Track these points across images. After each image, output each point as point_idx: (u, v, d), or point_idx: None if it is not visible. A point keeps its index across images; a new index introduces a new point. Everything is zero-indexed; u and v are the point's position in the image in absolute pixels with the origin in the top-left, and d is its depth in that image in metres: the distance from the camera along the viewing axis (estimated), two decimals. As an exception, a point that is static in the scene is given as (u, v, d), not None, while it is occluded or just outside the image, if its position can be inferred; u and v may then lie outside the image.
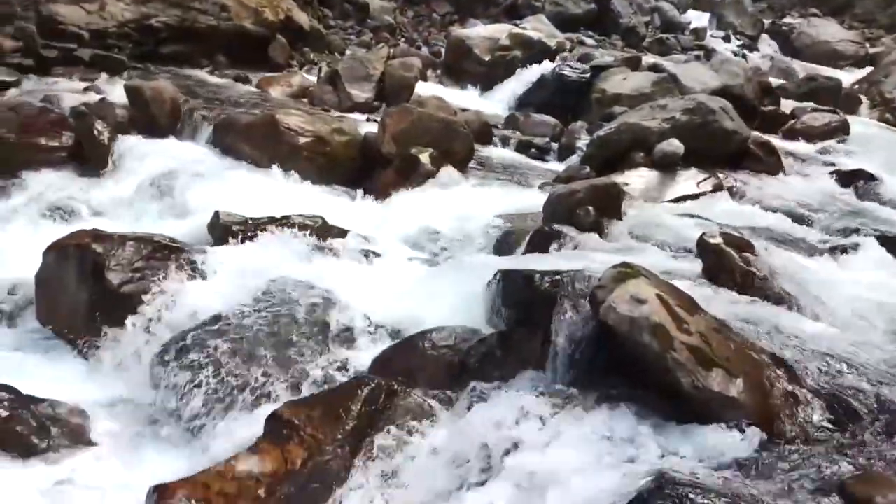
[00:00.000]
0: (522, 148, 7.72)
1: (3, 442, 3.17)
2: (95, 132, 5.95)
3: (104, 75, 7.80)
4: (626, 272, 3.03)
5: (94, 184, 5.73)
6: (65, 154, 5.86)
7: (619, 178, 5.51)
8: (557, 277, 3.38)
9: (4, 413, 3.24)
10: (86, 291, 4.13)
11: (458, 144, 6.50)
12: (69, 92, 6.99)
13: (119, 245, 4.20)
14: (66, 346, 4.10)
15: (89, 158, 5.89)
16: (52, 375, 3.86)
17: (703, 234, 3.99)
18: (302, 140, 6.22)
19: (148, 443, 3.49)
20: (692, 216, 5.10)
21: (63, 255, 4.24)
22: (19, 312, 4.32)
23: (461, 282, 4.18)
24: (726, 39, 16.68)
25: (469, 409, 3.12)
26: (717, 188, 5.85)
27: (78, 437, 3.36)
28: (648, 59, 10.63)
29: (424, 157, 6.15)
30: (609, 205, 4.76)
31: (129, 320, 3.95)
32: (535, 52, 10.57)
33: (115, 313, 3.99)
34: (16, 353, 4.07)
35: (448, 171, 6.14)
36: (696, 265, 3.97)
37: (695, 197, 5.71)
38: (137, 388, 3.73)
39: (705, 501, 2.12)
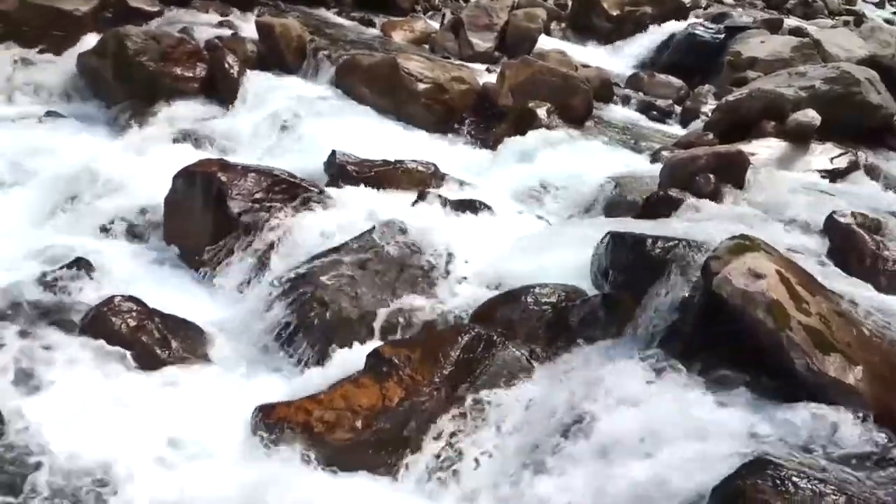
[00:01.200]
0: (643, 109, 7.46)
1: (129, 349, 3.42)
2: (227, 65, 6.18)
3: (237, 10, 8.05)
4: (744, 244, 2.90)
5: (222, 115, 5.98)
6: (198, 85, 6.13)
7: (745, 147, 5.23)
8: (670, 244, 3.27)
9: (132, 322, 3.49)
10: (209, 217, 4.35)
11: (577, 101, 6.36)
12: (205, 25, 7.27)
13: (242, 176, 4.39)
14: (188, 266, 4.35)
15: (220, 91, 6.15)
16: (174, 293, 4.11)
17: (833, 212, 3.76)
18: (420, 86, 6.25)
19: (256, 365, 3.68)
20: (822, 192, 4.80)
21: (190, 181, 4.46)
22: (149, 232, 4.60)
23: (568, 240, 4.13)
24: (879, 5, 15.42)
25: (566, 368, 3.12)
26: (853, 166, 5.46)
27: (194, 352, 3.58)
28: (790, 21, 9.98)
29: (541, 112, 6.06)
30: (732, 174, 4.55)
31: (246, 248, 4.13)
32: (667, 8, 10.12)
33: (233, 240, 4.19)
34: (143, 269, 4.35)
35: (564, 128, 6.03)
36: (822, 244, 3.75)
37: (827, 173, 5.35)
38: (250, 313, 3.92)
39: (809, 486, 2.04)
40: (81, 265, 4.07)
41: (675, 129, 6.99)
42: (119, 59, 5.99)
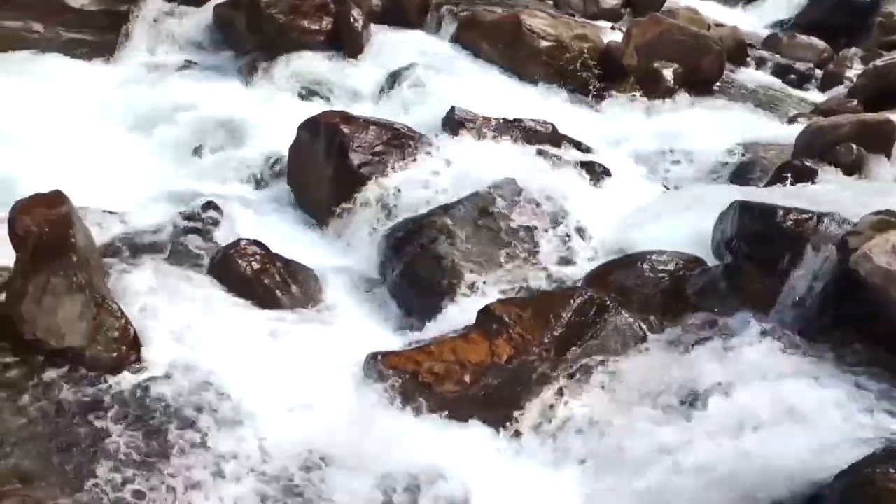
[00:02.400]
0: (780, 72, 7.03)
1: (252, 290, 3.58)
2: (351, 19, 6.25)
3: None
4: (888, 220, 2.70)
5: (346, 68, 6.08)
6: (323, 38, 6.24)
7: (894, 117, 4.83)
8: (804, 216, 3.09)
9: (256, 265, 3.65)
10: (329, 167, 4.46)
11: (707, 62, 6.06)
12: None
13: (363, 128, 4.46)
14: (308, 214, 4.50)
15: (344, 44, 6.24)
16: (294, 239, 4.26)
17: None
18: (543, 44, 6.12)
19: (368, 313, 3.78)
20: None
21: (314, 132, 4.58)
22: (273, 179, 4.78)
23: (690, 207, 3.98)
24: None
25: (681, 338, 3.03)
26: None
27: (311, 297, 3.72)
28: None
29: (667, 73, 5.82)
30: (877, 145, 4.23)
31: (365, 199, 4.22)
32: (813, -37, 9.40)
33: (353, 191, 4.28)
34: (267, 215, 4.54)
35: (692, 90, 5.76)
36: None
37: None
38: (365, 263, 4.02)
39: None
40: (211, 208, 4.29)
41: (814, 95, 6.56)
42: (251, 11, 6.18)
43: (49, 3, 5.99)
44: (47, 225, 3.20)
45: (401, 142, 4.47)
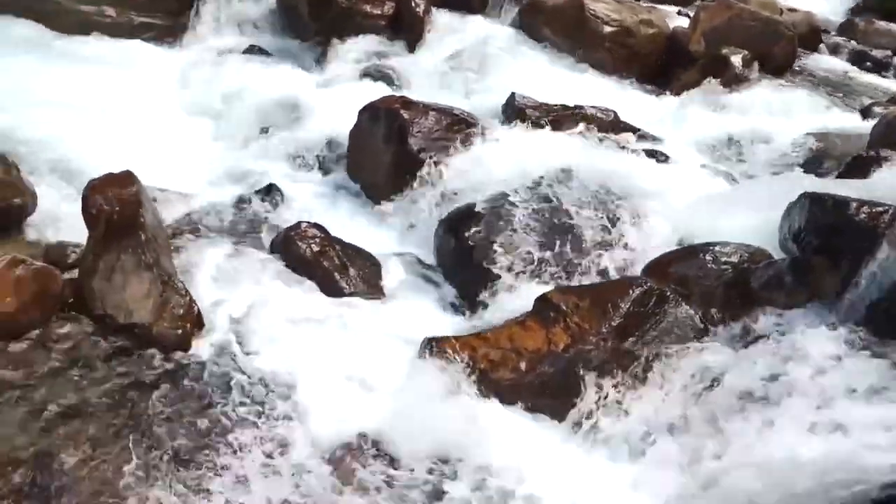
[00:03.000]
0: (856, 59, 6.75)
1: (312, 273, 3.63)
2: (413, 4, 6.25)
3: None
4: (970, 216, 2.57)
5: (407, 53, 6.10)
6: (385, 23, 6.27)
7: (978, 107, 4.61)
8: (879, 209, 2.97)
9: (316, 248, 3.70)
10: (389, 151, 4.48)
11: (779, 48, 5.87)
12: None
13: (422, 113, 4.47)
14: (367, 198, 4.53)
15: (405, 29, 6.25)
16: (353, 222, 4.31)
17: None
18: (606, 29, 6.02)
19: (425, 298, 3.79)
20: None
21: (374, 117, 4.60)
22: (333, 163, 4.82)
23: (756, 198, 3.87)
24: None
25: (744, 332, 2.96)
26: None
27: (369, 280, 3.75)
28: None
29: (736, 60, 5.65)
30: (960, 136, 4.03)
31: (423, 184, 4.23)
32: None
33: (411, 176, 4.29)
34: (326, 198, 4.59)
35: (761, 77, 5.59)
36: None
37: None
38: (422, 247, 4.04)
39: None
40: (273, 190, 4.37)
41: (891, 84, 6.27)
42: (313, -4, 6.26)
43: (122, -13, 6.17)
44: (118, 204, 3.30)
45: (460, 127, 4.46)
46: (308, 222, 3.86)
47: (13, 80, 4.96)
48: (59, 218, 3.81)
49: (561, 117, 4.73)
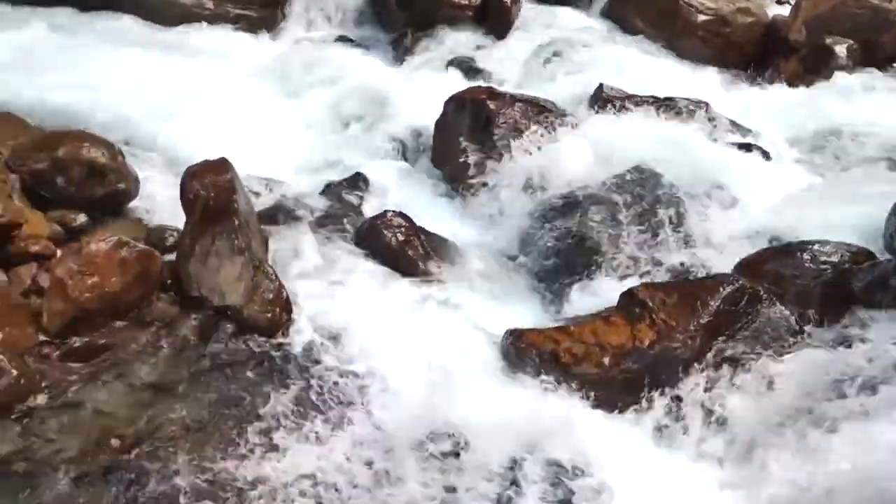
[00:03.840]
0: (972, 50, 6.29)
1: (397, 260, 3.68)
2: (502, -6, 6.23)
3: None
4: None
5: (494, 43, 6.07)
6: (472, 13, 6.25)
7: None
8: None
9: (401, 237, 3.74)
10: (474, 142, 4.48)
11: (888, 37, 5.55)
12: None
13: (509, 104, 4.45)
14: (452, 188, 4.54)
15: (493, 19, 6.23)
16: (437, 212, 4.32)
17: None
18: (700, 18, 5.84)
19: (507, 289, 3.78)
20: None
21: (460, 107, 4.61)
22: (419, 153, 4.86)
23: (860, 196, 3.70)
24: None
25: (843, 335, 2.83)
26: None
27: (453, 270, 3.76)
28: None
29: (840, 50, 5.38)
30: None
31: (508, 175, 4.21)
32: None
33: (496, 166, 4.28)
34: (411, 188, 4.62)
35: (867, 68, 5.30)
36: None
37: None
38: (506, 239, 4.03)
39: None
40: (359, 179, 4.44)
41: None
42: (401, -13, 6.31)
43: (221, -19, 6.39)
44: (213, 190, 3.42)
45: (546, 118, 4.42)
46: (393, 211, 3.90)
47: (118, 71, 5.20)
48: (159, 202, 3.97)
49: (651, 109, 4.62)
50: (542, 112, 4.46)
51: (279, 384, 3.03)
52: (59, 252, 3.38)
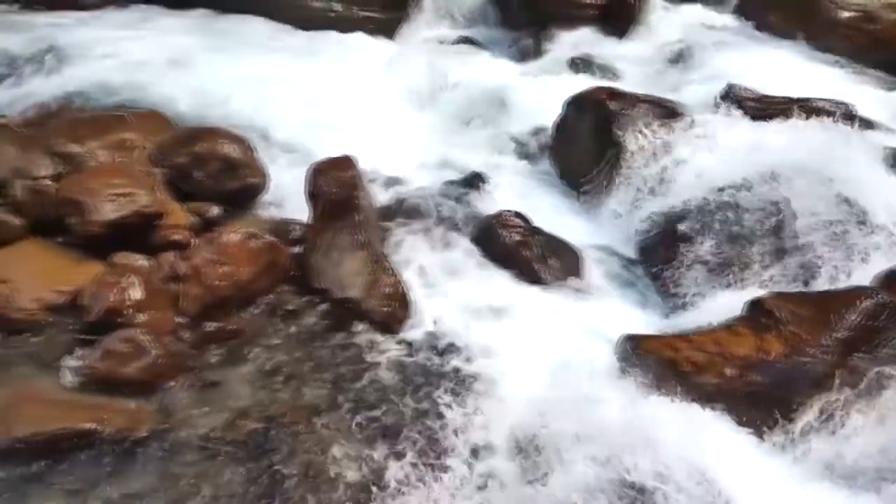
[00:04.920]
0: None
1: (513, 260, 3.68)
2: (628, -8, 6.10)
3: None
4: None
5: (618, 43, 5.95)
6: (596, 12, 6.14)
7: None
8: None
9: (517, 237, 3.74)
10: (594, 143, 4.40)
11: None
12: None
13: (632, 105, 4.34)
14: (570, 189, 4.49)
15: (617, 18, 6.10)
16: (554, 213, 4.28)
17: None
18: (843, 14, 5.49)
19: (626, 293, 3.72)
20: None
21: (580, 107, 4.54)
22: (538, 153, 4.83)
23: None
24: None
25: None
26: None
27: (569, 272, 3.72)
28: None
29: None
30: None
31: (629, 177, 4.12)
32: None
33: (617, 168, 4.20)
34: (529, 188, 4.60)
35: None
36: None
37: None
38: (625, 241, 3.94)
39: None
40: (477, 179, 4.46)
41: None
42: (527, -13, 6.29)
43: (358, -17, 6.61)
44: (337, 186, 3.56)
45: (671, 119, 4.28)
46: (510, 211, 3.90)
47: (251, 71, 5.47)
48: (286, 197, 4.15)
49: (785, 110, 4.36)
50: (666, 113, 4.32)
51: (394, 374, 3.11)
52: (195, 241, 3.60)
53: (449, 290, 3.48)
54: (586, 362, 3.09)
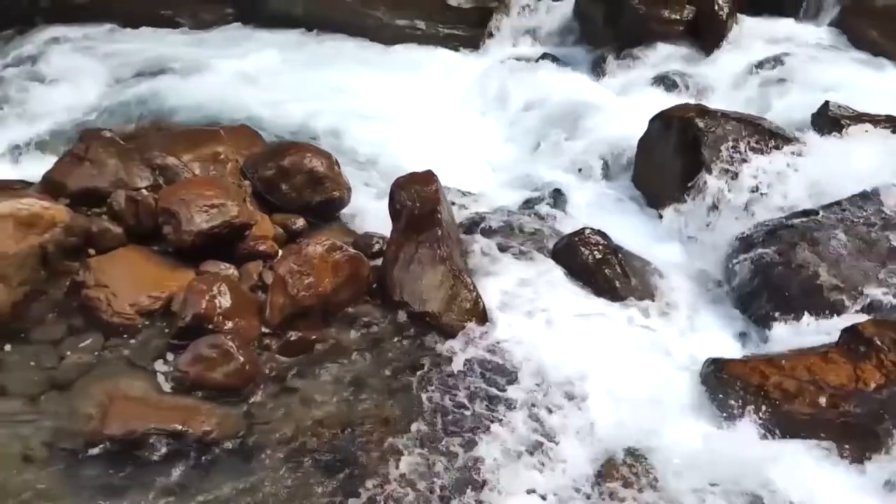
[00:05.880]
0: None
1: (593, 278, 3.63)
2: (716, 7, 5.93)
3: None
4: None
5: (705, 59, 5.80)
6: (683, 28, 6.00)
7: None
8: None
9: (598, 255, 3.68)
10: (680, 162, 4.29)
11: None
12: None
13: (720, 123, 4.23)
14: (652, 207, 4.40)
15: (705, 34, 5.96)
16: (635, 231, 4.21)
17: None
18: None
19: (707, 313, 3.62)
20: None
21: (666, 125, 4.45)
22: (619, 171, 4.76)
23: None
24: None
25: None
26: None
27: (649, 290, 3.65)
28: None
29: None
30: None
31: (716, 197, 4.01)
32: None
33: (703, 187, 4.08)
34: (609, 205, 4.54)
35: None
36: None
37: None
38: (709, 262, 3.84)
39: None
40: (557, 195, 4.44)
41: None
42: (612, 3, 6.18)
43: (433, 2, 6.70)
44: (419, 201, 3.60)
45: (762, 138, 4.15)
46: (591, 228, 3.85)
47: (340, 86, 5.63)
48: (367, 211, 4.23)
49: (885, 129, 4.18)
50: (757, 131, 4.19)
51: (471, 387, 3.11)
52: (280, 252, 3.70)
53: (528, 306, 3.46)
54: (668, 385, 3.02)
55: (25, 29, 6.36)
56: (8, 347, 3.14)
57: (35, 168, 4.21)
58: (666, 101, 5.09)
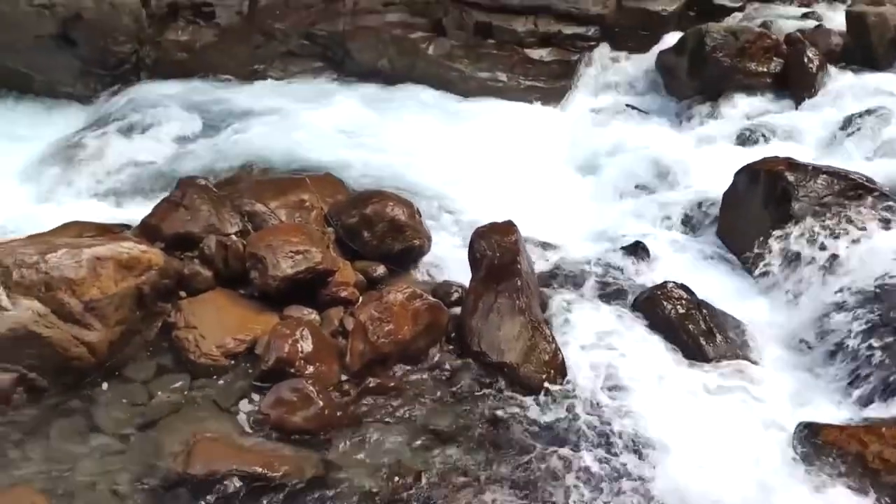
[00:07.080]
0: None
1: (677, 334, 3.54)
2: (805, 59, 5.81)
3: (823, 0, 7.50)
4: None
5: (794, 112, 5.67)
6: (770, 80, 5.91)
7: None
8: None
9: (681, 310, 3.59)
10: (768, 216, 4.17)
11: None
12: (788, 17, 6.98)
13: (812, 176, 4.11)
14: (739, 263, 4.26)
15: (793, 86, 5.83)
16: (721, 287, 4.08)
17: None
18: None
19: (800, 376, 3.45)
20: None
21: (753, 178, 4.34)
22: (704, 224, 4.66)
23: None
24: None
25: None
26: None
27: (737, 350, 3.52)
28: None
29: None
30: None
31: (808, 254, 3.87)
32: None
33: (793, 243, 3.95)
34: (693, 260, 4.42)
35: None
36: None
37: None
38: (803, 322, 3.67)
39: None
40: (639, 248, 4.37)
41: None
42: (695, 55, 6.14)
43: (514, 55, 6.80)
44: (499, 251, 3.61)
45: (857, 193, 4.00)
46: (675, 283, 3.77)
47: (422, 137, 5.75)
48: (447, 259, 4.27)
49: None
50: (851, 186, 4.04)
51: (547, 445, 3.04)
52: (361, 299, 3.76)
53: (607, 362, 3.39)
54: (757, 450, 2.88)
55: (131, 82, 6.78)
56: (105, 386, 3.27)
57: (135, 211, 4.44)
58: (753, 153, 4.99)
